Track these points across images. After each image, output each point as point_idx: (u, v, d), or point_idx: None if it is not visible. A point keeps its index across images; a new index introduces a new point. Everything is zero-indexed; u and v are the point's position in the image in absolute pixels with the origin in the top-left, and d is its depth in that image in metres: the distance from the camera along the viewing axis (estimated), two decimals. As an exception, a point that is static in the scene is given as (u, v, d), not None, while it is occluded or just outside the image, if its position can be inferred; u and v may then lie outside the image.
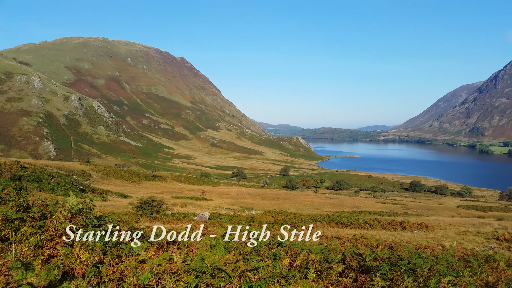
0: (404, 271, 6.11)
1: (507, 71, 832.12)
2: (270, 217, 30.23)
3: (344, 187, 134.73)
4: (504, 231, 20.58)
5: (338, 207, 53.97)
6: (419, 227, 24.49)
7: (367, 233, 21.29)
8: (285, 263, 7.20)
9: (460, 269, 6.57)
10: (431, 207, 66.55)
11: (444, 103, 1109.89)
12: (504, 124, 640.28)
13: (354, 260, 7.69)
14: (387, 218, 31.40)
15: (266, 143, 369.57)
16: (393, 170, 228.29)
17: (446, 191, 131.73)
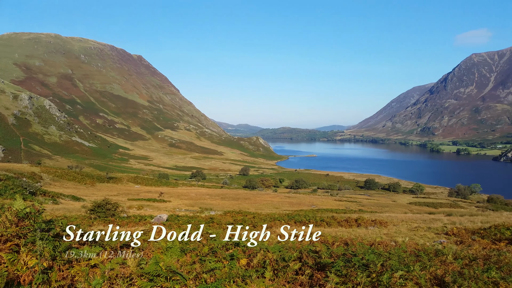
0: (358, 267, 6.26)
1: (455, 73, 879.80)
2: (229, 218, 30.15)
3: (303, 186, 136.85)
4: (453, 226, 21.65)
5: (296, 205, 54.73)
6: (373, 223, 25.30)
7: (323, 230, 21.73)
8: (243, 263, 7.18)
9: (411, 263, 6.83)
10: (384, 204, 69.01)
11: (397, 104, 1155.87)
12: (453, 124, 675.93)
13: (311, 257, 7.79)
14: (343, 216, 32.22)
15: (226, 143, 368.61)
16: (349, 169, 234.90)
17: (399, 189, 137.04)
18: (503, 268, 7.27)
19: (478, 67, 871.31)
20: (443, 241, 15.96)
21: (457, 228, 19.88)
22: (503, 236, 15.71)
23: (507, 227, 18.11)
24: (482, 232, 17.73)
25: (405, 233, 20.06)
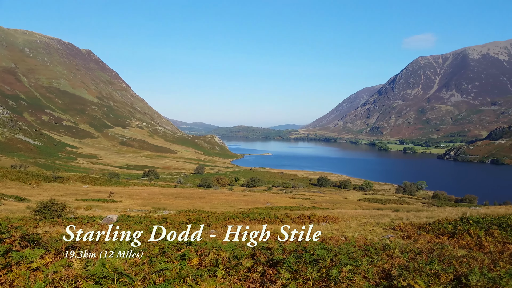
0: (309, 263, 6.34)
1: (403, 75, 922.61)
2: (183, 217, 29.69)
3: (258, 184, 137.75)
4: (400, 221, 22.55)
5: (251, 203, 54.95)
6: (325, 219, 25.88)
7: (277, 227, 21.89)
8: (195, 262, 7.06)
9: (359, 258, 7.02)
10: (336, 201, 70.97)
11: (348, 104, 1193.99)
12: (400, 124, 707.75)
13: (263, 254, 7.80)
14: (296, 213, 32.72)
15: (180, 142, 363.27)
16: (303, 167, 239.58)
17: (349, 186, 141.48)
18: (445, 261, 7.66)
19: (424, 70, 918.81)
20: (391, 236, 16.59)
21: (404, 223, 20.76)
22: (445, 230, 16.58)
23: (449, 221, 19.16)
24: (427, 226, 18.62)
25: (355, 228, 20.66)
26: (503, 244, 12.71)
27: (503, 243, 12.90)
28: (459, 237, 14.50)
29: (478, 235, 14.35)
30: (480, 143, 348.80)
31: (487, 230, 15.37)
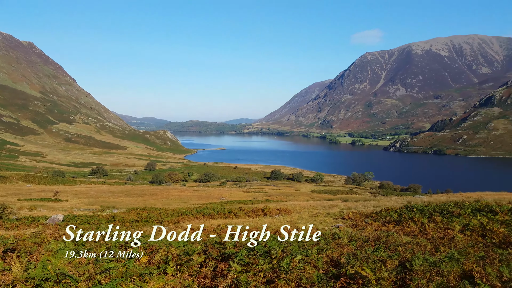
0: (260, 255, 6.36)
1: (351, 70, 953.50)
2: (133, 215, 28.89)
3: (212, 179, 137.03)
4: (349, 211, 23.30)
5: (205, 199, 54.58)
6: (278, 212, 26.22)
7: (231, 221, 21.87)
8: (144, 260, 6.86)
9: (309, 248, 7.14)
10: (289, 193, 72.21)
11: (300, 99, 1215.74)
12: (349, 117, 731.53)
13: (216, 249, 7.73)
14: (250, 206, 32.88)
15: (130, 137, 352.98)
16: (257, 161, 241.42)
17: (301, 178, 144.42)
18: (390, 247, 7.99)
19: (371, 65, 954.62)
20: (340, 225, 17.08)
21: (353, 212, 21.48)
22: (391, 218, 17.32)
23: (395, 210, 20.06)
24: (374, 215, 19.38)
25: (306, 219, 21.07)
26: (444, 230, 13.48)
27: (444, 229, 13.68)
28: (404, 225, 15.20)
29: (421, 222, 15.10)
30: (423, 135, 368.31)
31: (430, 217, 16.24)
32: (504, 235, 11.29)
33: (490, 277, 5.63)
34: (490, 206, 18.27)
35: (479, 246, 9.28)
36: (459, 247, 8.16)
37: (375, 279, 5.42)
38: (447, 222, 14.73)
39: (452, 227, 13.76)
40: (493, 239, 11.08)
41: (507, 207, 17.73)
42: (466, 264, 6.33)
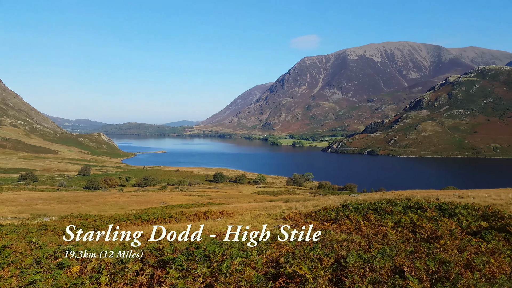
0: (200, 259, 6.23)
1: (291, 74, 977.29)
2: (66, 223, 27.28)
3: (152, 183, 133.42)
4: (289, 211, 23.74)
5: (145, 204, 52.96)
6: (220, 215, 26.08)
7: (172, 226, 21.38)
8: (75, 270, 6.44)
9: (250, 249, 7.12)
10: (231, 196, 72.20)
11: (242, 101, 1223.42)
12: (289, 120, 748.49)
13: (153, 256, 7.46)
14: (192, 210, 32.42)
15: (63, 141, 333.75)
16: (199, 164, 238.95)
17: (244, 180, 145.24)
18: (327, 245, 8.21)
19: (309, 69, 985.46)
20: (281, 225, 17.33)
21: (293, 212, 21.91)
22: (329, 217, 17.88)
23: (332, 209, 20.76)
24: (313, 214, 19.90)
25: (248, 221, 21.15)
26: (378, 227, 14.14)
27: (378, 226, 14.35)
28: (341, 223, 15.75)
29: (357, 220, 15.72)
30: (358, 136, 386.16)
31: (364, 214, 16.98)
32: (432, 230, 12.06)
33: (418, 271, 5.97)
34: (419, 203, 19.51)
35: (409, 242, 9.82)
36: (391, 243, 8.58)
37: (312, 277, 5.53)
38: (380, 219, 15.47)
39: (385, 224, 14.46)
40: (422, 234, 11.80)
41: (435, 203, 19.04)
42: (397, 259, 6.66)
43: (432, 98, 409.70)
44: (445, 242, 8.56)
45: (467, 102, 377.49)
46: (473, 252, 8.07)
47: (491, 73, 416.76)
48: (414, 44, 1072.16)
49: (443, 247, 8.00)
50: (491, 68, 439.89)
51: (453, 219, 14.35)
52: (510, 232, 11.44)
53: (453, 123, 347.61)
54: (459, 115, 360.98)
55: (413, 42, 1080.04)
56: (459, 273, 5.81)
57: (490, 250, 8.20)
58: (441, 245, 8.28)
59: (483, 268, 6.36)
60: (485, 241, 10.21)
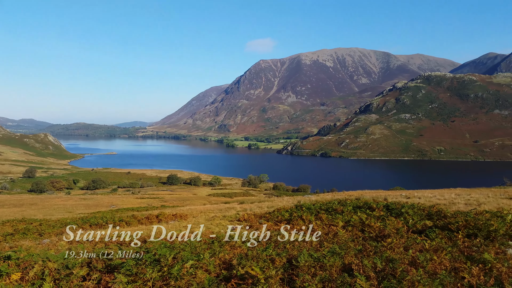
0: (150, 263, 6.07)
1: (247, 76, 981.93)
2: (9, 228, 25.69)
3: (101, 186, 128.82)
4: (244, 212, 23.75)
5: (94, 207, 51.01)
6: (174, 217, 25.60)
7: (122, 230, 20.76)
8: (15, 278, 6.07)
9: (202, 252, 7.04)
10: (186, 198, 71.28)
11: (197, 102, 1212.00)
12: (245, 121, 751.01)
13: (101, 260, 7.19)
14: (144, 213, 31.61)
15: (5, 141, 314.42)
16: (152, 166, 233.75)
17: (199, 182, 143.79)
18: (280, 246, 8.30)
19: (265, 72, 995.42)
20: (236, 227, 17.29)
21: (248, 214, 21.95)
22: (283, 217, 18.09)
23: (286, 209, 21.03)
24: (267, 215, 20.04)
25: (203, 223, 20.96)
26: (329, 226, 14.49)
27: (329, 225, 14.71)
28: (294, 223, 15.99)
29: (309, 220, 16.03)
30: (311, 138, 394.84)
31: (317, 215, 17.35)
32: (380, 229, 12.53)
33: (366, 269, 6.17)
34: (368, 203, 20.23)
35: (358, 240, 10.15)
36: (341, 242, 8.82)
37: (264, 277, 5.56)
38: (332, 219, 15.87)
39: (336, 223, 14.85)
40: (370, 233, 12.23)
41: (383, 203, 19.81)
42: (347, 258, 6.86)
43: (381, 102, 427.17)
44: (392, 241, 8.93)
45: (413, 107, 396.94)
46: (418, 249, 8.48)
47: (436, 80, 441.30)
48: (364, 50, 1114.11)
49: (390, 246, 8.34)
50: (436, 75, 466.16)
51: (400, 218, 14.99)
52: (452, 230, 12.12)
53: (400, 126, 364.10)
54: (406, 119, 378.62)
55: (364, 49, 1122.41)
56: (405, 270, 6.08)
57: (433, 247, 8.65)
58: (388, 243, 8.63)
59: (427, 265, 6.69)
60: (429, 239, 10.75)
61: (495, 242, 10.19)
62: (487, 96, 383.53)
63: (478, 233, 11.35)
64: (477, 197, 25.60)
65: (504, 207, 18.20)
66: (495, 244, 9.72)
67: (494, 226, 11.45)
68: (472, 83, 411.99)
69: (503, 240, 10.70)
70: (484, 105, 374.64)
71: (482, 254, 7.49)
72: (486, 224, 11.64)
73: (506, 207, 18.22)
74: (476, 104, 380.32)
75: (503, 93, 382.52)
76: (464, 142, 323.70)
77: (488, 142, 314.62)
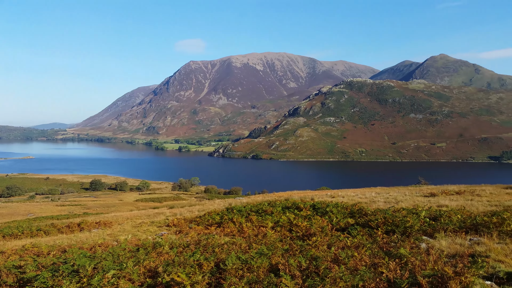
0: (67, 275, 5.67)
1: (176, 77, 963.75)
2: None
3: (17, 193, 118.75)
4: (174, 217, 23.27)
5: (8, 216, 46.88)
6: (97, 225, 24.32)
7: (40, 240, 19.29)
8: None
9: (126, 260, 6.74)
10: (111, 204, 68.14)
11: (123, 103, 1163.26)
12: (175, 123, 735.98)
13: (13, 274, 6.59)
14: (65, 221, 29.66)
15: None
16: (73, 170, 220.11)
17: (126, 187, 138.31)
18: (209, 250, 8.23)
19: (195, 73, 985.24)
20: (164, 233, 16.90)
21: (178, 219, 21.54)
22: (214, 221, 18.01)
23: (217, 212, 20.98)
24: (198, 219, 19.83)
25: (129, 230, 20.19)
26: (259, 228, 14.70)
27: (259, 227, 14.92)
28: (225, 226, 15.99)
29: (240, 222, 16.13)
30: (243, 141, 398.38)
31: (247, 217, 17.52)
32: (307, 228, 12.98)
33: (291, 268, 6.34)
34: (296, 203, 20.88)
35: (286, 240, 10.40)
36: (269, 243, 8.98)
37: (190, 283, 5.46)
38: (262, 220, 16.12)
39: (265, 224, 15.12)
40: (298, 233, 12.62)
41: (310, 203, 20.55)
42: (274, 258, 6.99)
43: (308, 106, 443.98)
44: (316, 239, 9.27)
45: (337, 111, 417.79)
46: (340, 247, 8.90)
47: (357, 85, 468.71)
48: (292, 55, 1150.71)
49: (314, 244, 8.65)
50: (357, 80, 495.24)
51: (325, 217, 15.66)
52: (372, 227, 12.92)
53: (326, 129, 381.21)
54: (330, 122, 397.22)
55: (292, 54, 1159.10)
56: (327, 268, 6.34)
57: (355, 244, 9.13)
58: (313, 242, 8.95)
59: (348, 262, 7.04)
60: (351, 236, 11.35)
61: (411, 237, 11.02)
62: (403, 101, 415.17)
63: (395, 229, 12.21)
64: (395, 195, 27.60)
65: (419, 204, 19.80)
66: (410, 239, 10.50)
67: (410, 222, 12.40)
68: (390, 89, 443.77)
69: (418, 235, 11.63)
70: (401, 109, 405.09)
71: (399, 249, 8.06)
72: (402, 220, 12.56)
73: (420, 204, 19.83)
74: (394, 109, 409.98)
75: (418, 98, 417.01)
76: (383, 144, 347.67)
77: (404, 144, 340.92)
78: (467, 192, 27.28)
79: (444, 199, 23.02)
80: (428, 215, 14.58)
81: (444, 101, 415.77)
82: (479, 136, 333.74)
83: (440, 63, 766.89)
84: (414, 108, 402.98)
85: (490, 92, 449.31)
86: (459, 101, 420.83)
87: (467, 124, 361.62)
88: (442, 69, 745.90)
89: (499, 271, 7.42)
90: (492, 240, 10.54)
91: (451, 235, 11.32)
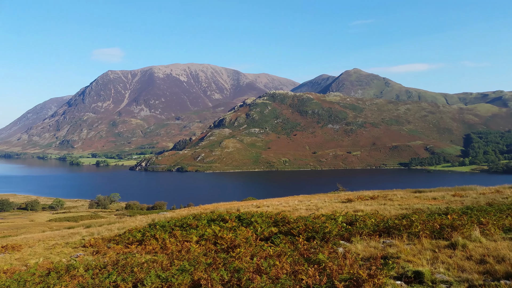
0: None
1: (93, 87, 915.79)
2: None
3: None
4: (91, 237, 21.85)
5: None
6: (4, 249, 22.06)
7: None
8: None
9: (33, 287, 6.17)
10: (21, 226, 62.44)
11: (34, 115, 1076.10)
12: (92, 136, 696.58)
13: None
14: (-38, 248, 26.42)
15: None
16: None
17: (37, 206, 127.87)
18: (127, 270, 7.83)
19: (114, 84, 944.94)
20: (80, 254, 15.82)
21: (95, 238, 20.27)
22: (135, 239, 17.21)
23: (139, 230, 20.08)
24: (117, 238, 18.81)
25: (40, 253, 18.61)
26: (183, 243, 14.35)
27: (183, 242, 14.57)
28: (147, 243, 15.37)
29: (163, 238, 15.60)
30: (167, 154, 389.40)
31: (171, 232, 17.01)
32: (232, 240, 12.96)
33: (214, 282, 6.28)
34: (222, 215, 20.76)
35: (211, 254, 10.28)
36: (192, 258, 8.81)
37: (104, 309, 5.14)
38: (186, 235, 15.77)
39: (190, 239, 14.81)
40: (222, 245, 12.54)
41: (235, 214, 20.58)
42: (196, 273, 6.86)
43: (233, 117, 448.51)
44: (240, 250, 9.30)
45: (261, 122, 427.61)
46: (263, 256, 9.01)
47: (280, 97, 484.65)
48: (216, 67, 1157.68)
49: (238, 255, 8.67)
50: (280, 93, 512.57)
51: (250, 228, 15.77)
52: (294, 234, 13.29)
53: (251, 140, 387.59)
54: (255, 133, 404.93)
55: (216, 66, 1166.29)
56: (249, 279, 6.37)
57: (277, 253, 9.32)
58: (237, 253, 8.97)
59: (270, 271, 7.15)
60: (274, 245, 11.56)
61: (329, 242, 11.52)
62: (322, 113, 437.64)
63: (315, 235, 12.69)
64: (316, 202, 28.78)
65: (337, 210, 20.82)
66: (329, 245, 10.96)
67: (328, 228, 12.97)
68: (310, 101, 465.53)
69: (336, 240, 12.20)
70: (320, 120, 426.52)
71: (317, 255, 8.38)
72: (322, 226, 13.10)
73: (338, 209, 20.87)
74: (313, 120, 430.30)
75: (335, 110, 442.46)
76: (304, 153, 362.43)
77: (324, 153, 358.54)
78: (381, 197, 29.33)
79: (359, 204, 24.50)
80: (345, 220, 15.37)
81: (358, 112, 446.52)
82: (390, 145, 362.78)
83: (354, 77, 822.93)
84: (332, 119, 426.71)
85: (399, 104, 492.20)
86: (372, 112, 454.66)
87: (379, 134, 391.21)
88: (356, 83, 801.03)
89: (408, 270, 8.05)
90: (403, 241, 11.40)
91: (366, 238, 12.05)
